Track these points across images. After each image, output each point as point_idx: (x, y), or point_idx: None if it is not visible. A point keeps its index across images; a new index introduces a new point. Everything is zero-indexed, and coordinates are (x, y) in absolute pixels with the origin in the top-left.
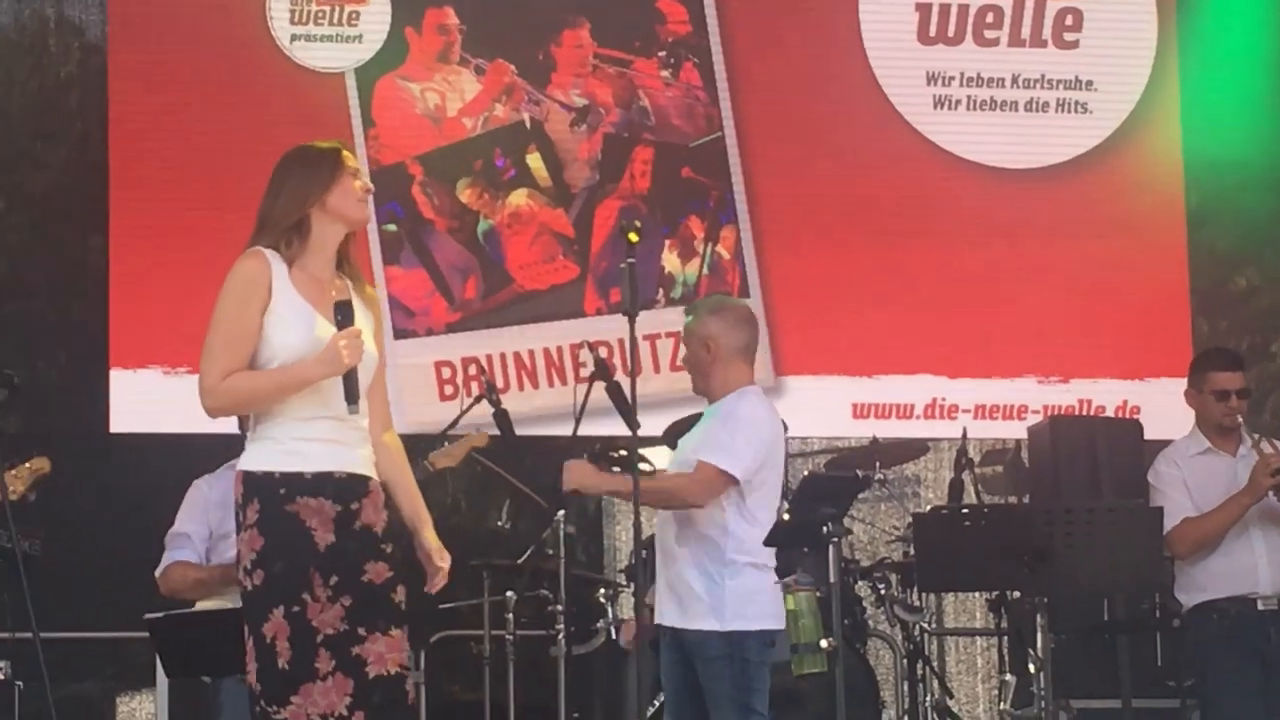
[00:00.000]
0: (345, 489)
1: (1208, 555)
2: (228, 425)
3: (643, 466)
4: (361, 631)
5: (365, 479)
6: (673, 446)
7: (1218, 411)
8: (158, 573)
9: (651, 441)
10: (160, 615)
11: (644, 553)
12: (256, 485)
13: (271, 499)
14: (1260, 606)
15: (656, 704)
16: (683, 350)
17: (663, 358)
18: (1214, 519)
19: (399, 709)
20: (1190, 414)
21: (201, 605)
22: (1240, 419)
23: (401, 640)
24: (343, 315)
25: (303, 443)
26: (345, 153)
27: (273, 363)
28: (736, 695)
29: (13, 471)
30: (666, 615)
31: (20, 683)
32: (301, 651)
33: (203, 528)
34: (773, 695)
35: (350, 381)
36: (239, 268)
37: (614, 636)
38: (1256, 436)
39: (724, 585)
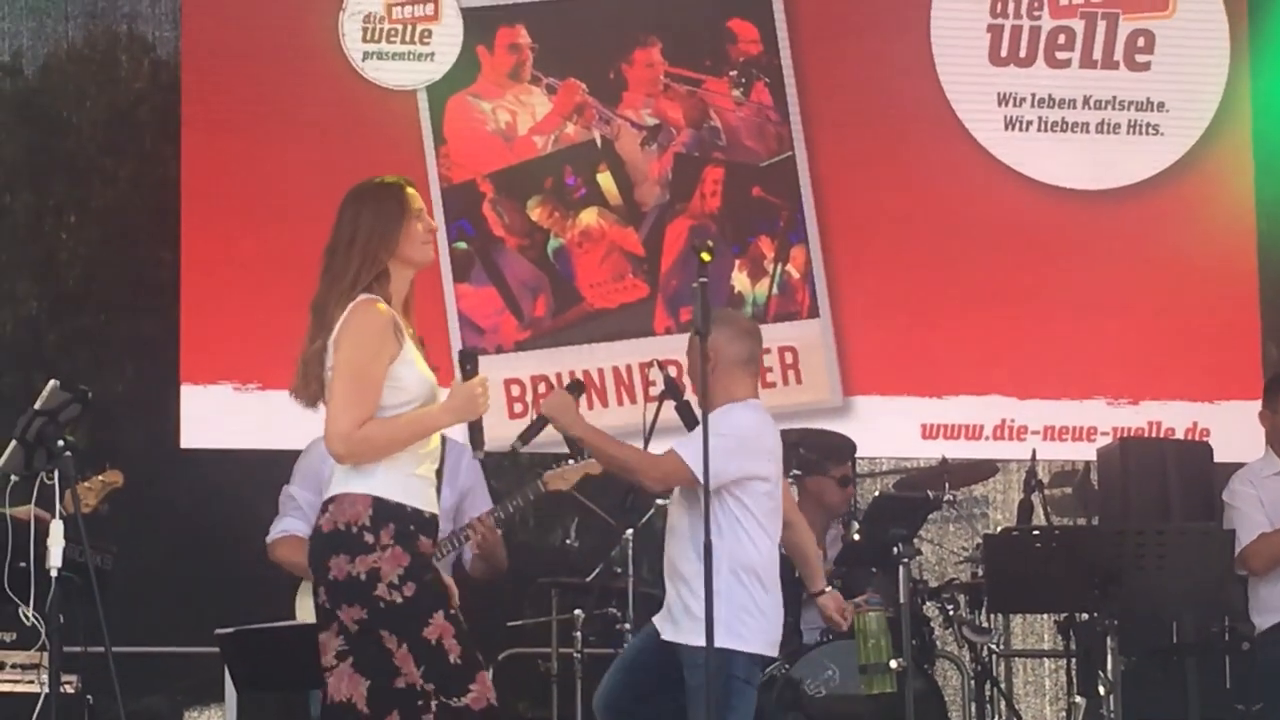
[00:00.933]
0: (433, 529)
1: None
2: (298, 442)
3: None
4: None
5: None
6: None
7: None
8: (269, 538)
9: None
10: (231, 630)
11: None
12: (390, 512)
13: (404, 529)
14: None
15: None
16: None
17: None
18: None
19: None
20: (1259, 437)
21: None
22: None
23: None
24: (471, 365)
25: (417, 480)
26: (409, 191)
27: (405, 408)
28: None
29: (85, 484)
30: (665, 630)
31: (90, 696)
32: (467, 646)
33: (315, 496)
34: (844, 714)
35: (476, 427)
36: (368, 320)
37: None
38: None
39: (719, 600)
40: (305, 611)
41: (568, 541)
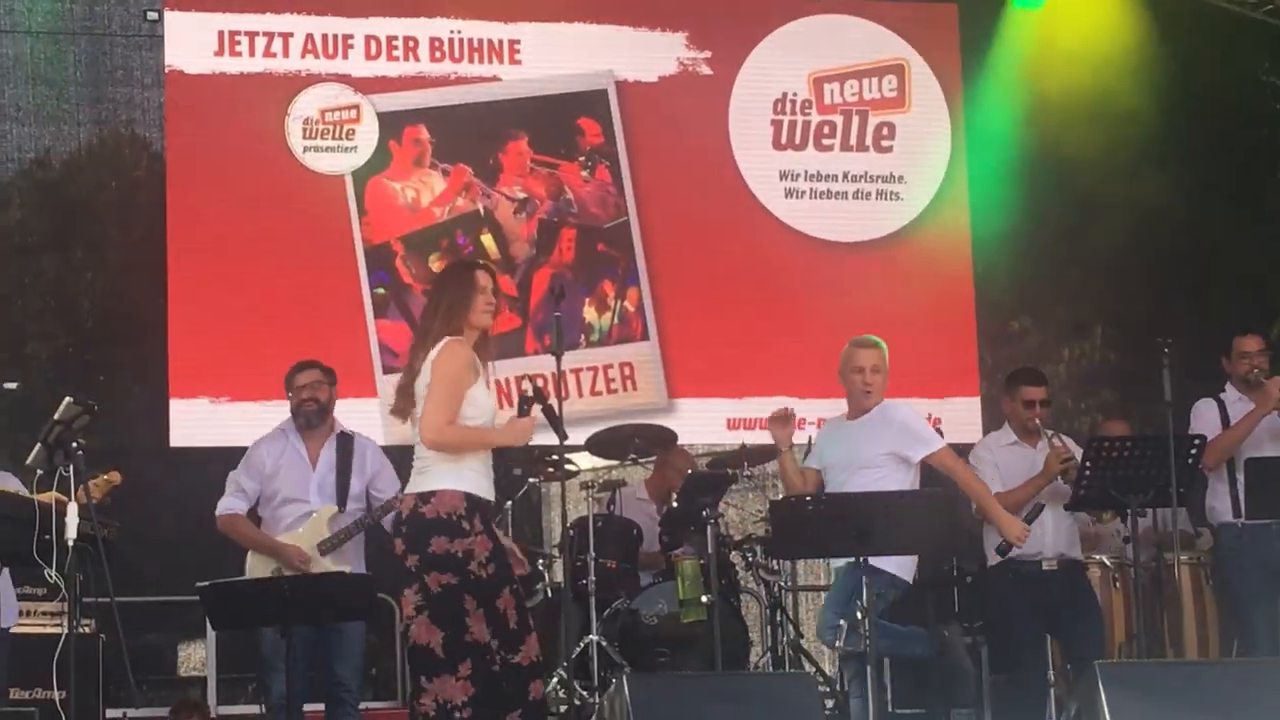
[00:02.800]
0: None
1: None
2: (251, 440)
3: None
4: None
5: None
6: (596, 453)
7: (1024, 415)
8: (218, 510)
9: (575, 449)
10: (207, 584)
11: (570, 531)
12: (476, 505)
13: (486, 518)
14: (1044, 566)
15: (580, 646)
16: (877, 375)
17: (584, 386)
18: (1016, 494)
19: None
20: (975, 421)
21: (250, 565)
22: (1039, 421)
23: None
24: (527, 407)
25: (483, 477)
26: (479, 274)
27: (475, 421)
28: None
29: (93, 481)
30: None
31: (102, 635)
32: (522, 614)
33: (256, 485)
34: (666, 640)
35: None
36: (457, 353)
37: (549, 595)
38: (1050, 433)
39: None
40: (255, 569)
41: None
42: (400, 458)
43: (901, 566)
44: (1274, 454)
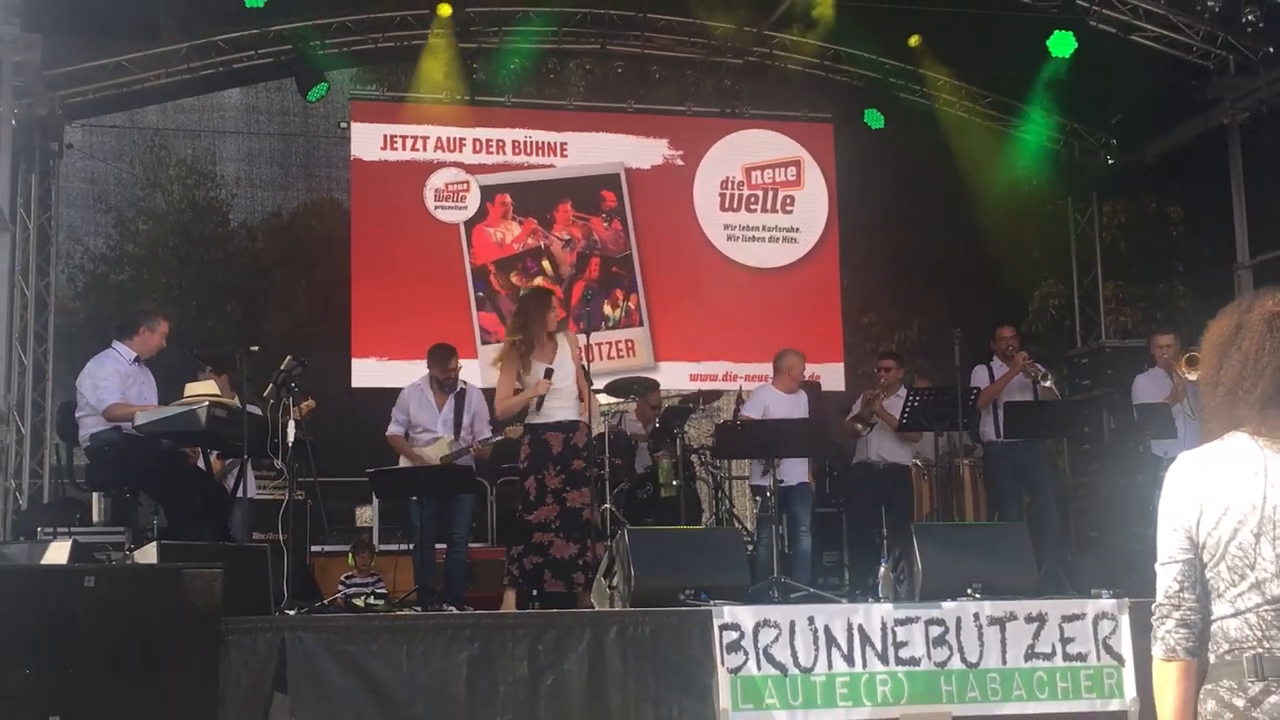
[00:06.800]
0: (567, 428)
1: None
2: (401, 381)
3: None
4: (569, 488)
5: (574, 423)
6: (609, 393)
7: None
8: (387, 432)
9: (598, 391)
10: (374, 470)
11: (594, 441)
12: (528, 429)
13: (535, 436)
14: (880, 466)
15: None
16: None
17: (604, 353)
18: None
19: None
20: (840, 378)
21: (404, 463)
22: (883, 380)
23: (586, 494)
24: (548, 376)
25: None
26: (550, 295)
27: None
28: None
29: (301, 405)
30: None
31: (310, 501)
32: (539, 494)
33: (405, 418)
34: (651, 509)
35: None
36: (507, 348)
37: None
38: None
39: None
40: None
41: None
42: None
43: (801, 473)
44: (1020, 399)
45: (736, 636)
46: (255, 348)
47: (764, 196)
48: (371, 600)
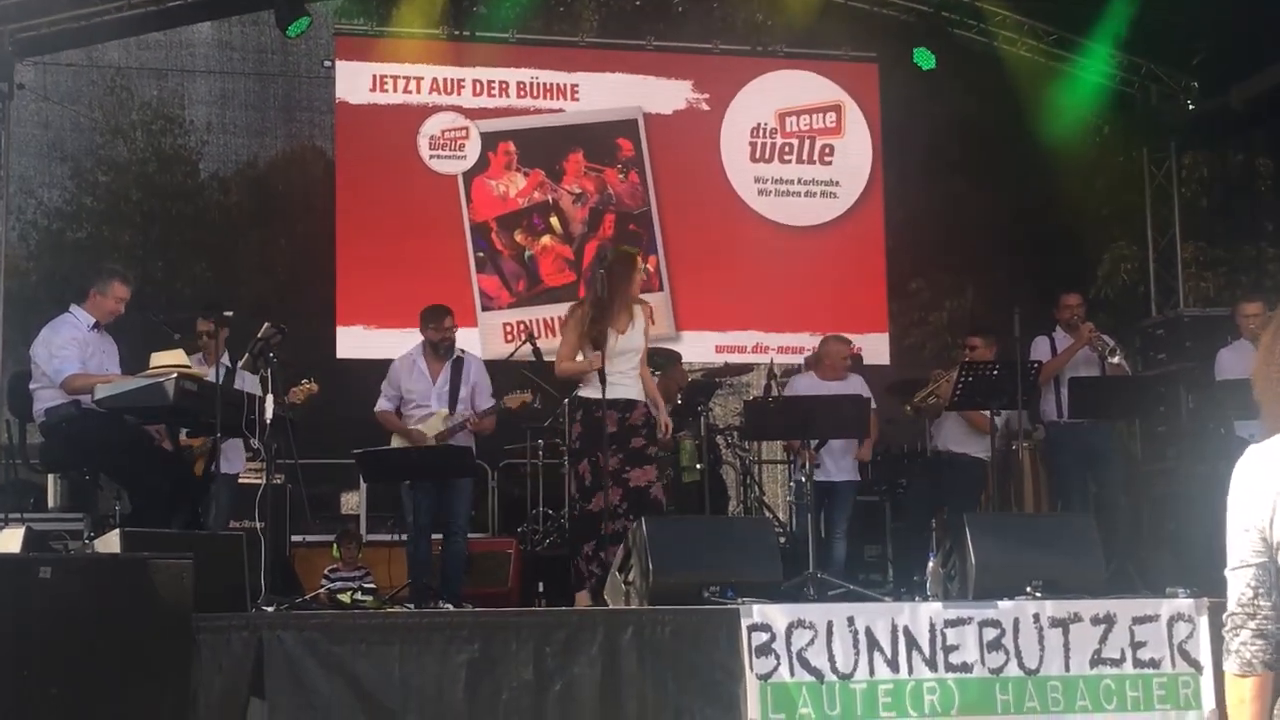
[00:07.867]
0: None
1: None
2: (391, 352)
3: None
4: (629, 468)
5: (632, 401)
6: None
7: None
8: (376, 409)
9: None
10: (361, 451)
11: None
12: (579, 403)
13: (588, 413)
14: (930, 453)
15: None
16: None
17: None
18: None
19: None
20: (885, 351)
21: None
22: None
23: (651, 472)
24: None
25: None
26: (636, 258)
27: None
28: None
29: (297, 387)
30: None
31: (290, 485)
32: (595, 478)
33: (396, 392)
34: (672, 494)
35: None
36: (571, 312)
37: None
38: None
39: None
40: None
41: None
42: (492, 369)
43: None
44: (1086, 374)
45: (767, 638)
46: (229, 314)
47: (800, 146)
48: (359, 596)
